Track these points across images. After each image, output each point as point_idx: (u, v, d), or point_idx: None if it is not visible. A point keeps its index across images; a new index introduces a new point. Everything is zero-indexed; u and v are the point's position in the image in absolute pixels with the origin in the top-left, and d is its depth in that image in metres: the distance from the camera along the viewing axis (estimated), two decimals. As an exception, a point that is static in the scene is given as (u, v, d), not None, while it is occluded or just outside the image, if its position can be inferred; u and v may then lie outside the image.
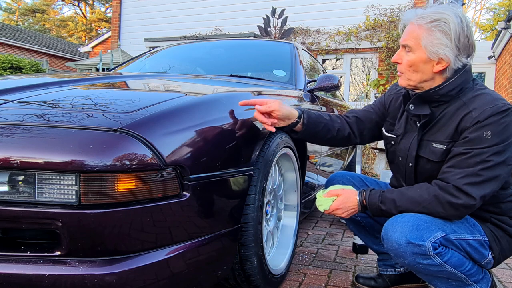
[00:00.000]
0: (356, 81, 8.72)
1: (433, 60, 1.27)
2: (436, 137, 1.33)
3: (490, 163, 1.20)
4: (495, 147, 1.20)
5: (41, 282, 0.92)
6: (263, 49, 2.86)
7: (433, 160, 1.33)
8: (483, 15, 30.91)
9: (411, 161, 1.40)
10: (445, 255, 1.23)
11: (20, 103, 1.15)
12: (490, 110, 1.21)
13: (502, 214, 1.34)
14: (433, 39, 1.24)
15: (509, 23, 6.58)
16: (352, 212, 1.40)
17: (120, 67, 2.89)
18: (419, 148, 1.37)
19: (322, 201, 1.42)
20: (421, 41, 1.26)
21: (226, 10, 9.21)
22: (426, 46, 1.25)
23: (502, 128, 1.20)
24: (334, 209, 1.39)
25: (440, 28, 1.24)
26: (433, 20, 1.25)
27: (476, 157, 1.20)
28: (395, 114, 1.53)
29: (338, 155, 2.96)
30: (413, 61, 1.29)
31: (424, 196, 1.26)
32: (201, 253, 1.15)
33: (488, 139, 1.20)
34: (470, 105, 1.26)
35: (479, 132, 1.21)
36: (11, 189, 0.94)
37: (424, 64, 1.28)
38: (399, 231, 1.23)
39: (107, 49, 12.91)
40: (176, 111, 1.14)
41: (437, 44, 1.24)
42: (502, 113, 1.21)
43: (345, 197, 1.39)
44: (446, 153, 1.29)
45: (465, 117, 1.25)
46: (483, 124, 1.21)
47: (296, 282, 1.74)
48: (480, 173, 1.20)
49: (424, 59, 1.27)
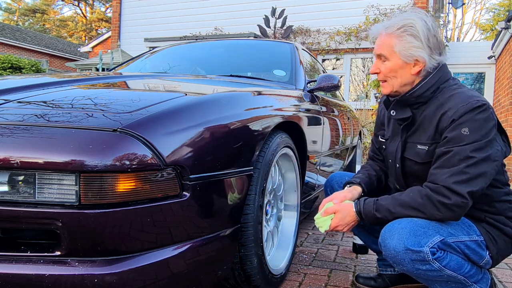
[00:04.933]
0: (356, 81, 8.72)
1: (409, 63, 1.33)
2: (419, 139, 1.36)
3: (473, 159, 1.21)
4: (475, 144, 1.21)
5: (41, 282, 0.92)
6: (263, 49, 2.86)
7: (419, 162, 1.36)
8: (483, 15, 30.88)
9: (398, 163, 1.44)
10: (443, 260, 1.23)
11: (20, 103, 1.15)
12: (464, 107, 1.24)
13: (497, 213, 1.34)
14: (405, 43, 1.31)
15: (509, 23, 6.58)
16: (352, 225, 1.40)
17: (120, 67, 2.89)
18: (404, 150, 1.41)
19: (321, 222, 1.42)
20: (394, 48, 1.32)
21: (226, 10, 9.21)
22: (400, 52, 1.31)
23: (479, 124, 1.22)
24: (334, 226, 1.40)
25: (409, 32, 1.30)
26: (400, 27, 1.31)
27: (459, 154, 1.22)
28: (385, 120, 1.59)
29: (338, 155, 2.96)
30: (391, 68, 1.34)
31: (418, 200, 1.26)
32: (201, 253, 1.15)
33: (467, 136, 1.22)
34: (446, 105, 1.29)
35: (457, 131, 1.23)
36: (11, 189, 0.94)
37: (401, 69, 1.34)
38: (396, 238, 1.23)
39: (107, 49, 12.91)
40: (176, 111, 1.14)
41: (410, 48, 1.30)
42: (477, 109, 1.23)
43: (343, 213, 1.39)
44: (430, 154, 1.32)
45: (442, 117, 1.28)
46: (459, 122, 1.23)
47: (296, 282, 1.74)
48: (466, 171, 1.20)
49: (400, 64, 1.33)
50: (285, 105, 1.78)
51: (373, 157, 1.70)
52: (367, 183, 1.55)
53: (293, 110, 1.83)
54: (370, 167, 1.65)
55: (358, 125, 4.08)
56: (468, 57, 8.97)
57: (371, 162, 1.69)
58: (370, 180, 1.58)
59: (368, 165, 1.68)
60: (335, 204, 1.42)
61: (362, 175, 1.59)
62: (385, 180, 1.63)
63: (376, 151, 1.68)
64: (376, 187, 1.59)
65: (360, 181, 1.54)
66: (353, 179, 1.56)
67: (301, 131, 1.86)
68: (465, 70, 9.24)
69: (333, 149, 2.66)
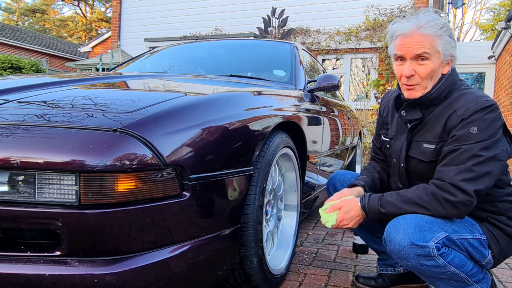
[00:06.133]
0: (356, 81, 8.72)
1: (444, 63, 1.33)
2: (426, 138, 1.37)
3: (481, 158, 1.21)
4: (483, 143, 1.22)
5: (41, 282, 0.92)
6: (263, 49, 2.86)
7: (424, 160, 1.36)
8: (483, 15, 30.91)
9: (402, 162, 1.44)
10: (448, 256, 1.23)
11: (20, 103, 1.15)
12: (473, 107, 1.25)
13: (499, 213, 1.35)
14: (446, 43, 1.31)
15: (509, 23, 6.58)
16: (358, 220, 1.39)
17: (120, 67, 2.89)
18: (409, 148, 1.41)
19: (327, 217, 1.41)
20: (437, 47, 1.30)
21: (226, 10, 9.22)
22: (442, 51, 1.31)
23: (488, 124, 1.24)
24: (340, 221, 1.39)
25: (448, 32, 1.31)
26: (441, 26, 1.30)
27: (466, 152, 1.23)
28: (388, 119, 1.58)
29: (338, 155, 2.96)
30: (433, 68, 1.32)
31: (423, 196, 1.27)
32: (201, 253, 1.15)
33: (475, 135, 1.23)
34: (455, 104, 1.30)
35: (466, 129, 1.24)
36: (11, 189, 0.94)
37: (439, 69, 1.34)
38: (401, 233, 1.23)
39: (107, 49, 12.91)
40: (176, 111, 1.14)
41: (450, 47, 1.32)
42: (486, 109, 1.25)
43: (347, 207, 1.39)
44: (436, 152, 1.32)
45: (451, 116, 1.29)
46: (468, 121, 1.24)
47: (296, 282, 1.74)
48: (473, 169, 1.21)
49: (439, 64, 1.33)
50: (285, 105, 1.78)
51: (374, 157, 1.70)
52: (370, 186, 1.55)
53: (293, 110, 1.83)
54: (373, 168, 1.65)
55: (358, 125, 4.08)
56: (468, 57, 8.97)
57: (373, 163, 1.68)
58: (373, 183, 1.57)
59: (371, 166, 1.67)
60: (340, 200, 1.42)
61: (366, 177, 1.58)
62: (388, 181, 1.63)
63: (377, 151, 1.68)
64: (379, 190, 1.58)
65: (364, 184, 1.53)
66: (357, 182, 1.55)
67: (301, 131, 1.87)
68: (465, 70, 9.24)
69: (333, 149, 2.66)
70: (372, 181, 1.58)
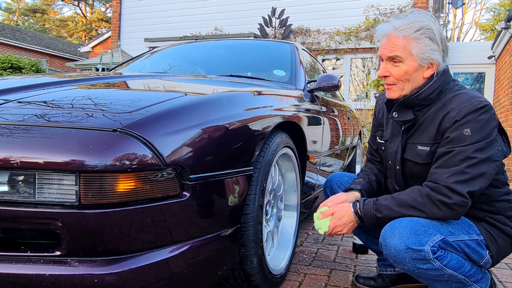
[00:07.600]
0: (356, 81, 8.72)
1: (423, 66, 1.32)
2: (420, 140, 1.36)
3: (475, 160, 1.21)
4: (477, 144, 1.22)
5: (41, 282, 0.92)
6: (263, 49, 2.86)
7: (420, 163, 1.36)
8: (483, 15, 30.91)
9: (398, 164, 1.43)
10: (444, 258, 1.23)
11: (20, 103, 1.15)
12: (466, 108, 1.24)
13: (497, 213, 1.35)
14: (423, 46, 1.29)
15: (509, 23, 6.57)
16: (352, 226, 1.39)
17: (120, 67, 2.89)
18: (405, 151, 1.41)
19: (320, 223, 1.41)
20: (412, 50, 1.30)
21: (226, 10, 9.22)
22: (417, 54, 1.30)
23: (481, 125, 1.23)
24: (333, 227, 1.39)
25: (427, 35, 1.29)
26: (418, 29, 1.29)
27: (460, 154, 1.22)
28: (383, 120, 1.57)
29: (338, 155, 2.96)
30: (406, 71, 1.32)
31: (418, 199, 1.26)
32: (201, 253, 1.15)
33: (468, 137, 1.22)
34: (448, 105, 1.30)
35: (459, 131, 1.23)
36: (11, 189, 0.94)
37: (415, 72, 1.32)
38: (397, 237, 1.22)
39: (107, 49, 12.91)
40: (176, 111, 1.14)
41: (428, 51, 1.30)
42: (479, 110, 1.24)
43: (339, 213, 1.38)
44: (431, 154, 1.32)
45: (445, 118, 1.28)
46: (461, 122, 1.24)
47: (296, 282, 1.74)
48: (466, 171, 1.21)
49: (415, 67, 1.32)
50: (285, 105, 1.78)
51: (371, 159, 1.69)
52: (367, 189, 1.54)
53: (293, 110, 1.83)
54: (369, 170, 1.64)
55: (358, 125, 4.08)
56: (468, 57, 8.97)
57: (370, 165, 1.68)
58: (370, 185, 1.57)
59: (367, 168, 1.67)
60: (333, 206, 1.42)
61: (363, 180, 1.58)
62: (385, 182, 1.63)
63: (374, 153, 1.67)
64: (376, 192, 1.58)
65: (361, 188, 1.53)
66: (353, 186, 1.55)
67: (301, 131, 1.87)
68: (465, 70, 9.24)
69: (333, 149, 2.66)
70: (369, 183, 1.57)
